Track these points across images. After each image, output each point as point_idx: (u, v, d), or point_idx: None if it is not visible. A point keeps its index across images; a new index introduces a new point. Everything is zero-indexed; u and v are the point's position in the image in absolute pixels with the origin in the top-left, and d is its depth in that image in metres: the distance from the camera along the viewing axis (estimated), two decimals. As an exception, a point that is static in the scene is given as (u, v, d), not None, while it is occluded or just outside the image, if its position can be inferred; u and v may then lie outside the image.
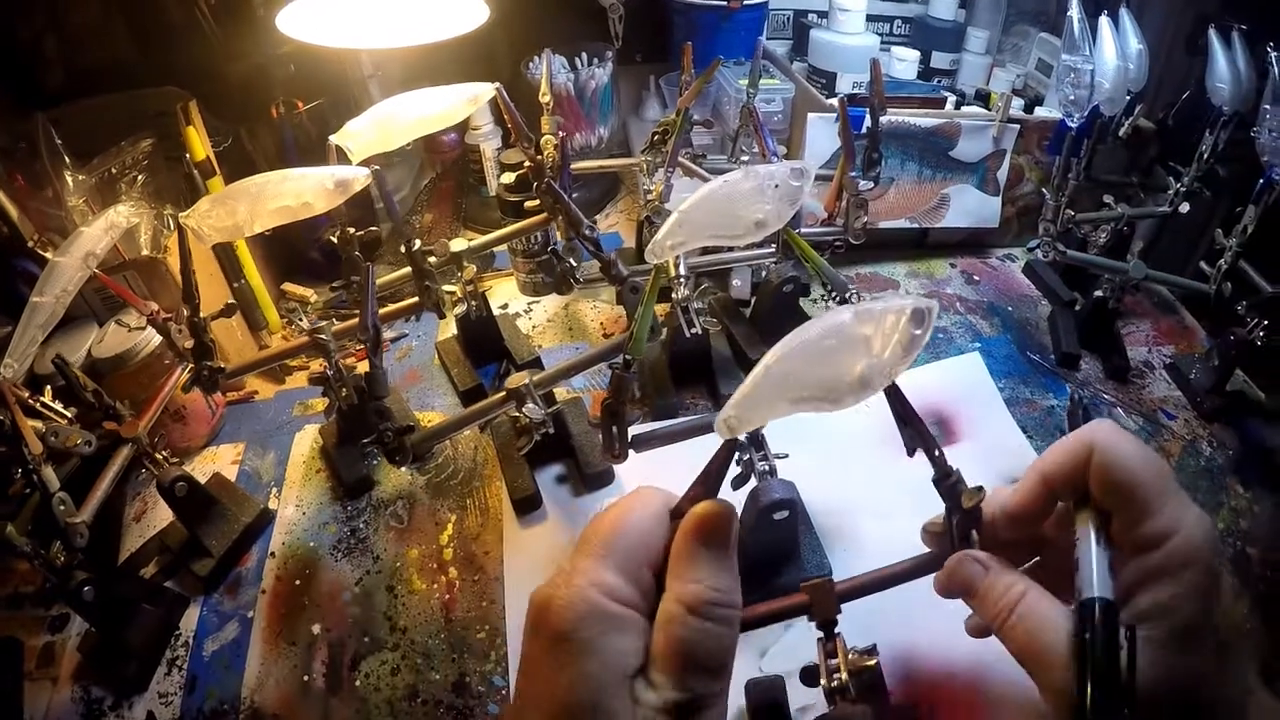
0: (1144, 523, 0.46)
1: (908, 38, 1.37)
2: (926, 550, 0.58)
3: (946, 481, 0.53)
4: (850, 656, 0.54)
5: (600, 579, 0.42)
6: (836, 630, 0.55)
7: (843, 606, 0.55)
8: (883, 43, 1.33)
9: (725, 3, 1.26)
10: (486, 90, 0.79)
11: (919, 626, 0.70)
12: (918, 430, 0.52)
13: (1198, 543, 0.45)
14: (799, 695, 0.62)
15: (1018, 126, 1.14)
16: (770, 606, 0.56)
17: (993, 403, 0.94)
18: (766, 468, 0.68)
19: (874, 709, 0.53)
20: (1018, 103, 1.15)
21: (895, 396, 0.50)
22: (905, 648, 0.70)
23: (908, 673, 0.69)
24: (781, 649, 0.71)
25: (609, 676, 0.40)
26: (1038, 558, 0.56)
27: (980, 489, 0.53)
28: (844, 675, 0.53)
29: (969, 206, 1.17)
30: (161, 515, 0.90)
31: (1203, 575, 0.44)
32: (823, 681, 0.54)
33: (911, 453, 0.52)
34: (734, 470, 0.68)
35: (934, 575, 0.56)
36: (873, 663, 0.54)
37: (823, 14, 1.34)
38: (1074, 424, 0.52)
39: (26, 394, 0.75)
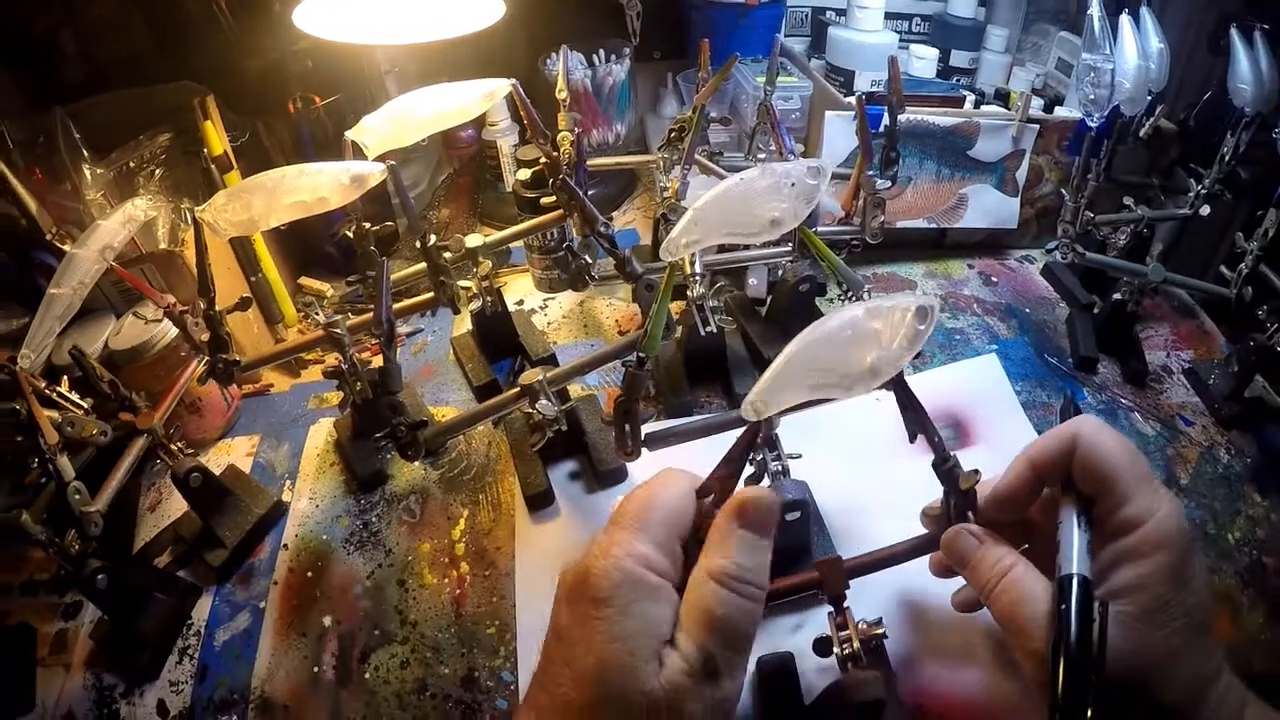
0: (1121, 509, 0.50)
1: (927, 35, 1.37)
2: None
3: (944, 465, 0.58)
4: (860, 627, 0.60)
5: (636, 550, 0.46)
6: (845, 604, 0.61)
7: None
8: (901, 40, 1.32)
9: (743, 0, 1.25)
10: (502, 86, 0.79)
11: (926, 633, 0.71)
12: (918, 415, 0.57)
13: (1170, 528, 0.48)
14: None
15: (1037, 126, 1.13)
16: (785, 582, 0.63)
17: (1009, 405, 0.93)
18: (779, 468, 0.68)
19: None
20: (1037, 102, 1.14)
21: (899, 384, 0.55)
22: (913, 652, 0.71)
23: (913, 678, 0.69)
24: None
25: (642, 640, 0.44)
26: (1026, 545, 0.58)
27: (976, 471, 0.57)
28: (855, 644, 0.59)
29: (987, 207, 1.16)
30: (175, 506, 0.91)
31: (1174, 557, 0.48)
32: (835, 650, 0.60)
33: (913, 438, 0.57)
34: (748, 470, 0.68)
35: (929, 557, 0.62)
36: (881, 631, 0.60)
37: (841, 11, 1.34)
38: (1064, 418, 0.56)
39: (43, 384, 0.76)
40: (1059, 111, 1.17)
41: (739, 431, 0.57)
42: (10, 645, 0.80)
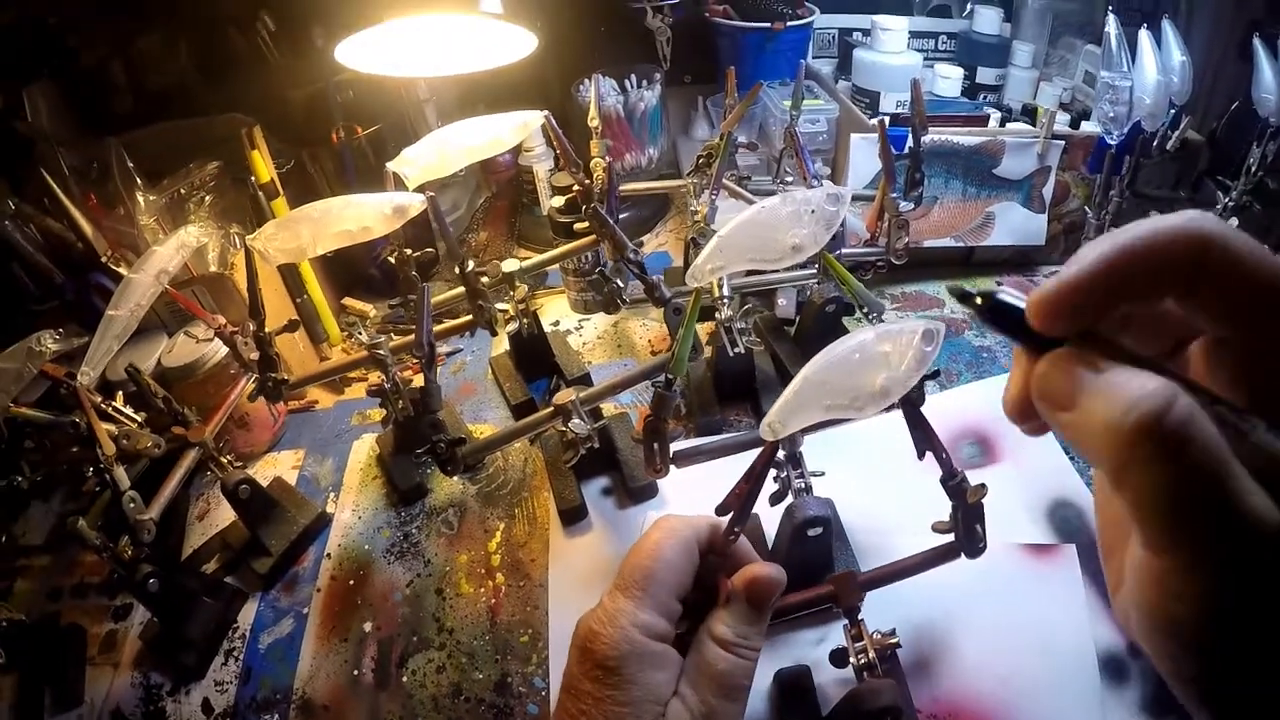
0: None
1: (952, 54, 1.37)
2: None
3: (952, 481, 0.60)
4: (875, 637, 0.63)
5: (640, 620, 0.50)
6: (860, 616, 0.64)
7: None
8: (927, 59, 1.33)
9: (769, 24, 1.27)
10: (536, 118, 0.81)
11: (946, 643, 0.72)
12: (925, 434, 0.59)
13: None
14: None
15: (1062, 143, 1.13)
16: (800, 596, 0.67)
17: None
18: (803, 485, 0.70)
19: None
20: (1062, 117, 1.14)
21: (907, 404, 0.58)
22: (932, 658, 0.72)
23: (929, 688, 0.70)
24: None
25: (646, 705, 0.48)
26: None
27: (983, 486, 0.59)
28: (871, 654, 0.62)
29: (1014, 224, 1.17)
30: (223, 515, 0.95)
31: None
32: (851, 660, 0.63)
33: (921, 455, 0.60)
34: (771, 487, 0.70)
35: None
36: (895, 641, 0.63)
37: (867, 33, 1.35)
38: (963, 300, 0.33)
39: (100, 399, 0.80)
40: (1086, 126, 1.17)
41: (763, 449, 0.59)
42: (61, 644, 0.84)
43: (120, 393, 0.85)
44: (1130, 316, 0.32)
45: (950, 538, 0.64)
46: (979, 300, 0.31)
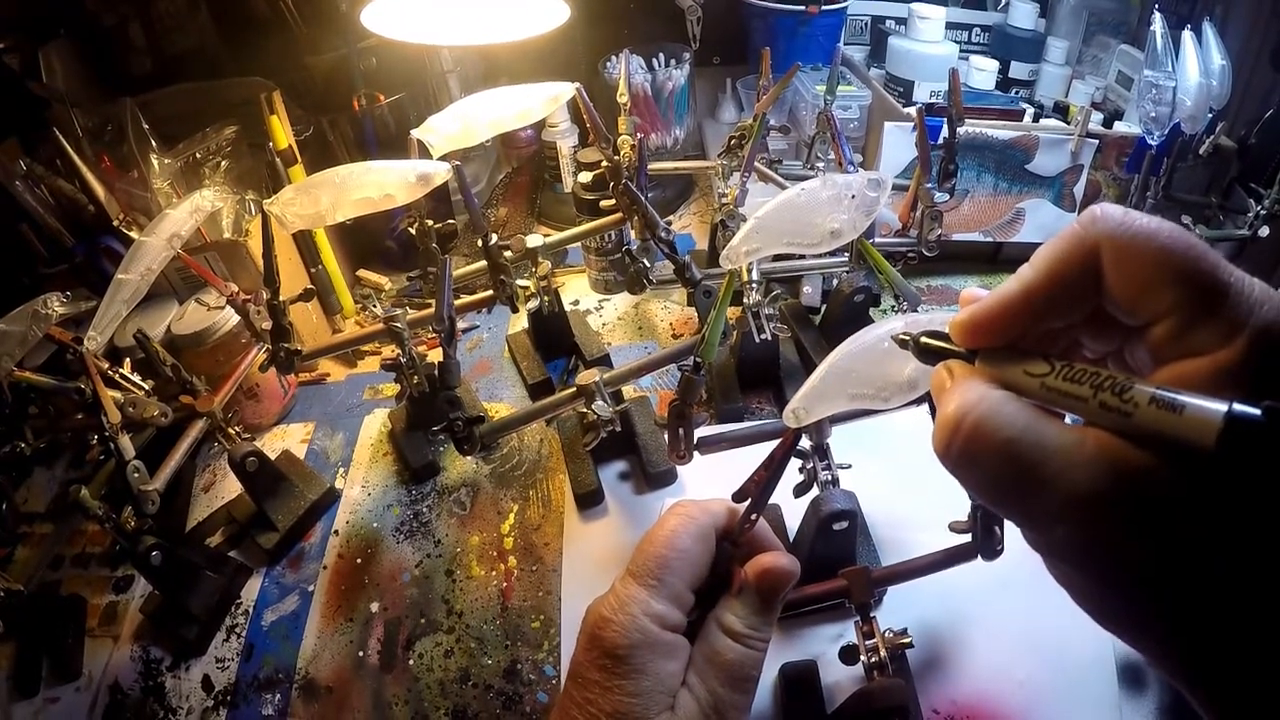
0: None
1: (986, 47, 1.35)
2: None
3: None
4: (887, 636, 0.62)
5: (653, 609, 0.49)
6: (872, 614, 0.64)
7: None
8: (961, 51, 1.31)
9: (804, 8, 1.25)
10: (567, 90, 0.80)
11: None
12: None
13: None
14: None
15: (1096, 142, 1.11)
16: (814, 590, 0.66)
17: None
18: (829, 477, 0.68)
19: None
20: (1096, 116, 1.12)
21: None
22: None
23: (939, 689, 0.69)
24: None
25: (655, 696, 0.47)
26: None
27: None
28: (882, 653, 0.61)
29: (1044, 222, 1.15)
30: (229, 488, 0.94)
31: None
32: (862, 658, 0.62)
33: None
34: (797, 478, 0.68)
35: None
36: (907, 640, 0.62)
37: (901, 21, 1.33)
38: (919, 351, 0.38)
39: (107, 365, 0.79)
40: (1118, 126, 1.15)
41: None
42: (61, 615, 0.83)
43: (128, 359, 0.84)
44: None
45: (968, 538, 0.63)
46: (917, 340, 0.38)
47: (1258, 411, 0.25)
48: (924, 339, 0.37)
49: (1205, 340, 0.29)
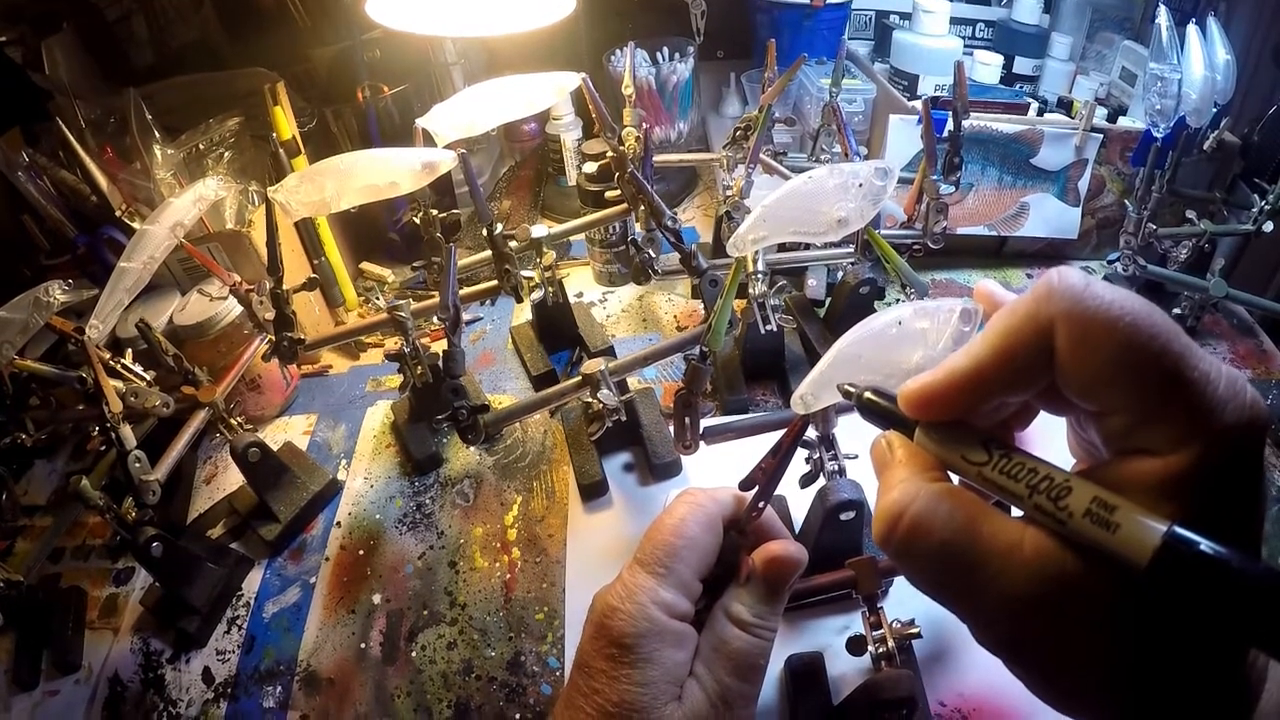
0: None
1: (990, 42, 1.35)
2: None
3: None
4: (894, 627, 0.62)
5: (661, 598, 0.48)
6: (880, 604, 0.63)
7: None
8: (965, 46, 1.31)
9: (808, 1, 1.24)
10: (572, 80, 0.79)
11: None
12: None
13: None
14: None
15: (1100, 136, 1.11)
16: (820, 580, 0.66)
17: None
18: (836, 467, 0.68)
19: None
20: (1101, 111, 1.12)
21: None
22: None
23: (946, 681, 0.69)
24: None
25: (662, 685, 0.47)
26: None
27: None
28: (890, 643, 0.61)
29: (1048, 216, 1.14)
30: (231, 479, 0.93)
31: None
32: (869, 649, 0.61)
33: None
34: (804, 469, 0.68)
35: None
36: (915, 631, 0.62)
37: (905, 15, 1.32)
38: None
39: (109, 355, 0.78)
40: (1122, 122, 1.15)
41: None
42: (61, 607, 0.82)
43: (130, 349, 0.83)
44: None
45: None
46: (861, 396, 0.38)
47: (1195, 538, 0.25)
48: (868, 395, 0.37)
49: (1158, 442, 0.28)
